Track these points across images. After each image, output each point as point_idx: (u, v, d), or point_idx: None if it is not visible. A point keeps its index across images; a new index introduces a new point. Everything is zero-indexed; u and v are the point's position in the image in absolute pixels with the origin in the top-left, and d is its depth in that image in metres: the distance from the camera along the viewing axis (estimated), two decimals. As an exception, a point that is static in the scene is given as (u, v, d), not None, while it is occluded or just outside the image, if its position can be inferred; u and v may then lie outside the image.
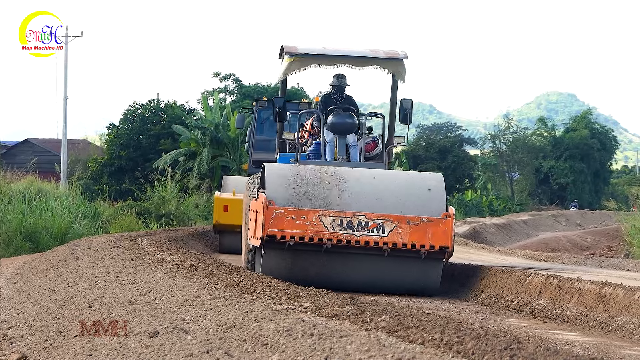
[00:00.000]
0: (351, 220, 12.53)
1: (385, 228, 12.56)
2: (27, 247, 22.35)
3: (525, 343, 6.67)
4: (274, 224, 12.44)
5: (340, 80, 14.95)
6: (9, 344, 8.28)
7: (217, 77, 56.91)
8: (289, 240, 12.48)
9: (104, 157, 50.51)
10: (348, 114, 14.56)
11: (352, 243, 12.55)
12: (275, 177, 12.89)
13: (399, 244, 12.58)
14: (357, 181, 12.90)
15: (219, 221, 20.84)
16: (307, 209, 12.53)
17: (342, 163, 14.08)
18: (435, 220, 12.65)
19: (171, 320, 7.38)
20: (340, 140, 14.48)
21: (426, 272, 12.93)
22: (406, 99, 14.40)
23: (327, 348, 5.80)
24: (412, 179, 13.31)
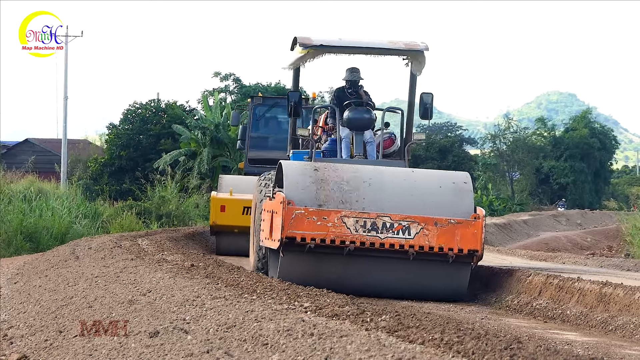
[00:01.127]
0: (375, 222, 11.84)
1: (411, 230, 11.88)
2: (28, 247, 22.36)
3: (526, 343, 6.67)
4: (294, 225, 11.76)
5: (355, 74, 14.32)
6: (9, 344, 8.28)
7: (217, 76, 56.90)
8: (309, 243, 11.77)
9: (104, 157, 50.50)
10: (365, 109, 13.90)
11: (375, 246, 11.85)
12: (294, 176, 12.20)
13: (426, 247, 11.89)
14: (381, 180, 12.26)
15: (216, 222, 20.08)
16: (328, 210, 11.85)
17: (360, 161, 13.46)
18: (464, 221, 11.97)
19: (171, 320, 7.38)
20: (357, 136, 13.81)
21: (453, 276, 12.22)
22: (426, 93, 13.71)
23: (327, 348, 5.80)
24: (437, 177, 12.70)
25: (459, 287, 12.33)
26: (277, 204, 11.95)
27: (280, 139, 22.00)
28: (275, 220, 12.00)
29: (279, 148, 21.59)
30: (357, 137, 13.80)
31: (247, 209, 19.25)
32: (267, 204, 12.58)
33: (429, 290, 12.27)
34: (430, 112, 13.74)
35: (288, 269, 11.99)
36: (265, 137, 22.36)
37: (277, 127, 22.66)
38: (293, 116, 13.96)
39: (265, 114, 22.52)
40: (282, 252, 11.91)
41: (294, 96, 13.79)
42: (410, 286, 12.23)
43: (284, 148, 22.09)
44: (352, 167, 12.45)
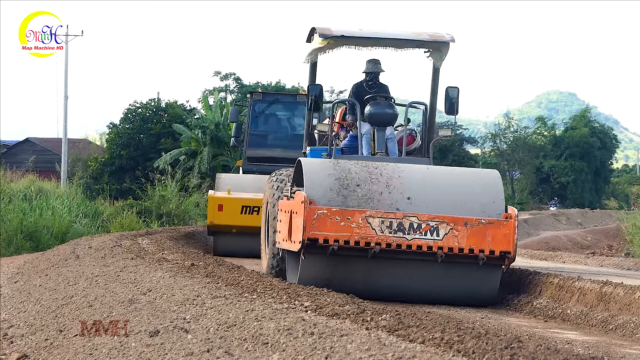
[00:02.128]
0: (402, 222, 11.20)
1: (440, 231, 11.24)
2: (28, 246, 22.36)
3: (526, 342, 6.67)
4: (316, 226, 11.11)
5: (376, 65, 13.57)
6: (9, 343, 8.28)
7: (217, 76, 56.95)
8: (332, 245, 11.13)
9: (104, 156, 50.56)
10: (387, 104, 13.23)
11: (402, 247, 11.21)
12: (315, 174, 11.57)
13: (455, 249, 11.25)
14: (406, 178, 11.64)
15: (214, 222, 19.28)
16: (352, 209, 11.21)
17: (383, 158, 12.76)
18: (495, 222, 11.34)
19: (172, 320, 7.38)
20: (379, 132, 13.11)
21: (483, 280, 11.60)
22: (452, 87, 13.04)
23: (327, 347, 5.80)
24: (466, 175, 12.14)
25: (489, 292, 11.74)
26: (297, 204, 11.37)
27: (280, 136, 21.77)
28: (295, 221, 11.44)
29: (279, 146, 21.44)
30: (378, 133, 13.15)
31: (246, 208, 18.98)
32: (284, 203, 12.06)
33: (458, 294, 11.71)
34: (457, 107, 13.06)
35: (309, 273, 11.41)
36: (265, 135, 21.85)
37: (277, 124, 22.20)
38: (313, 110, 13.13)
39: (264, 110, 21.87)
40: (303, 254, 11.30)
41: (314, 90, 12.99)
42: (438, 290, 11.68)
43: (283, 146, 21.49)
44: (376, 165, 11.86)
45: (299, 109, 21.75)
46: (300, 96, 21.84)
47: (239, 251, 18.54)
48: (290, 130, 22.02)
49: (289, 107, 22.21)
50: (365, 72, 13.62)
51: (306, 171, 11.62)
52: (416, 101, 13.55)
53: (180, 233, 23.25)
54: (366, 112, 13.10)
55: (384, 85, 13.64)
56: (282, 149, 21.29)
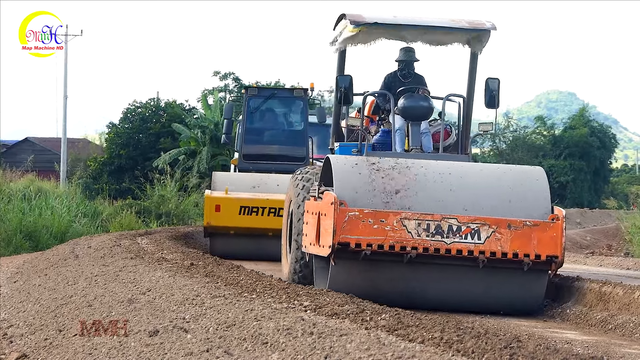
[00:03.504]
0: (440, 225, 10.41)
1: (482, 234, 10.45)
2: (27, 246, 22.36)
3: (525, 342, 6.68)
4: (347, 229, 10.33)
5: (409, 54, 12.74)
6: (8, 343, 8.28)
7: (216, 75, 56.91)
8: (365, 249, 10.34)
9: (103, 156, 50.53)
10: (422, 96, 12.39)
11: (441, 252, 10.42)
12: (346, 172, 10.80)
13: (498, 253, 10.46)
14: (445, 176, 10.88)
15: (210, 222, 18.43)
16: (386, 211, 10.42)
17: (418, 155, 11.93)
18: (541, 223, 10.53)
19: (171, 319, 7.38)
20: (413, 127, 12.27)
21: (528, 286, 10.82)
22: (492, 79, 12.20)
23: (327, 347, 5.80)
24: (508, 173, 11.27)
25: (534, 299, 10.96)
26: (326, 205, 10.56)
27: (277, 133, 21.19)
28: (324, 224, 10.62)
29: (276, 143, 20.83)
30: (413, 128, 12.30)
31: (244, 208, 18.29)
32: (311, 204, 11.20)
33: (500, 302, 10.92)
34: (497, 100, 12.24)
35: (340, 279, 10.62)
36: (261, 131, 21.13)
37: (273, 120, 21.42)
38: (343, 103, 12.19)
39: (260, 106, 21.01)
40: (334, 260, 10.50)
41: (343, 81, 12.05)
42: (479, 298, 10.90)
43: (280, 142, 20.91)
44: (411, 162, 11.06)
45: (295, 105, 21.22)
46: (297, 91, 21.28)
47: (237, 254, 17.77)
48: (287, 127, 21.45)
49: (285, 103, 21.57)
50: (398, 61, 12.82)
51: (336, 169, 10.88)
52: (454, 93, 12.52)
53: (179, 233, 23.26)
54: (399, 105, 12.29)
55: (420, 75, 12.82)
56: (279, 146, 20.82)
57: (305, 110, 20.91)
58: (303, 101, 20.95)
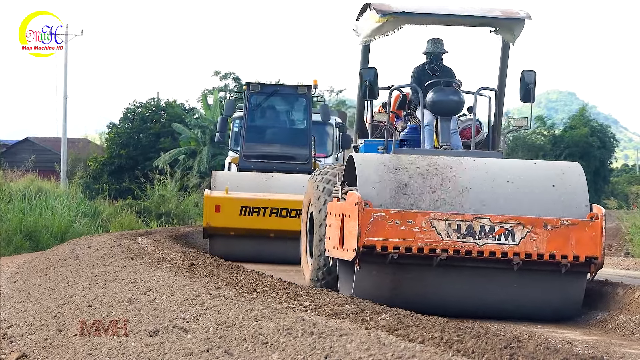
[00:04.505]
0: (472, 225, 9.82)
1: (516, 234, 9.85)
2: (27, 246, 22.36)
3: (525, 342, 6.68)
4: (373, 231, 9.73)
5: (438, 46, 12.08)
6: (8, 343, 8.28)
7: (216, 75, 56.94)
8: (392, 252, 9.74)
9: (104, 155, 50.54)
10: (452, 90, 11.72)
11: (472, 254, 9.81)
12: (370, 171, 10.19)
13: (534, 255, 9.85)
14: (476, 174, 10.28)
15: (210, 223, 17.76)
16: (414, 211, 9.85)
17: (448, 152, 11.30)
18: (579, 222, 9.93)
19: (171, 319, 7.38)
20: (443, 123, 11.63)
21: (565, 290, 10.20)
22: (528, 71, 11.62)
23: (327, 347, 5.80)
24: (543, 169, 10.66)
25: (572, 304, 10.32)
26: (350, 206, 9.99)
27: (279, 131, 20.44)
28: (348, 226, 10.06)
29: (278, 141, 20.12)
30: (442, 124, 11.65)
31: (245, 209, 17.70)
32: (334, 205, 10.62)
33: (536, 307, 10.33)
34: (533, 94, 11.66)
35: (366, 285, 10.07)
36: (263, 130, 20.34)
37: (275, 118, 20.66)
38: (369, 98, 11.54)
39: (262, 103, 20.30)
40: (359, 264, 9.92)
41: (368, 74, 11.42)
42: (513, 304, 10.30)
43: (283, 141, 20.08)
44: (440, 160, 10.45)
45: (298, 102, 20.48)
46: (301, 88, 20.42)
47: (238, 256, 17.03)
48: (290, 125, 20.77)
49: (288, 100, 20.72)
50: (425, 54, 12.15)
51: (360, 168, 10.26)
52: (486, 86, 11.96)
53: (179, 233, 23.26)
54: (428, 99, 11.63)
55: (448, 68, 12.17)
56: (281, 144, 20.10)
57: (308, 108, 20.22)
58: (306, 98, 20.21)
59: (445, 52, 12.12)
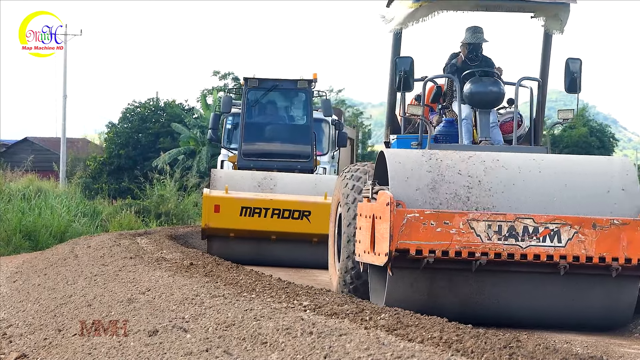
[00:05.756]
0: (514, 226, 9.04)
1: (562, 235, 9.06)
2: (27, 246, 22.37)
3: (525, 341, 6.68)
4: (406, 234, 8.96)
5: (477, 35, 11.29)
6: (8, 343, 8.28)
7: (216, 75, 56.95)
8: (427, 256, 8.95)
9: (103, 155, 50.55)
10: (492, 80, 10.99)
11: (515, 257, 9.01)
12: (403, 168, 9.42)
13: (582, 258, 9.05)
14: (518, 171, 9.52)
15: (209, 224, 16.82)
16: (451, 212, 9.09)
17: (488, 147, 10.53)
18: (631, 222, 9.11)
19: (170, 319, 7.38)
20: (482, 116, 10.90)
21: (616, 295, 9.39)
22: (573, 59, 10.91)
23: (326, 346, 5.81)
24: (592, 165, 9.92)
25: (623, 310, 9.47)
26: (381, 206, 9.21)
27: (279, 128, 19.63)
28: (379, 228, 9.28)
29: (278, 139, 19.42)
30: (481, 117, 10.93)
31: (246, 209, 16.77)
32: (364, 206, 9.86)
33: (585, 314, 9.55)
34: (579, 84, 10.93)
35: (399, 292, 9.30)
36: (262, 127, 19.48)
37: (274, 114, 19.82)
38: (403, 89, 10.74)
39: (261, 99, 19.40)
40: (391, 269, 9.16)
41: (404, 63, 10.64)
42: (559, 311, 9.52)
43: (283, 139, 19.29)
44: (480, 156, 9.67)
45: (298, 97, 19.69)
46: (301, 82, 19.38)
47: (237, 258, 15.90)
48: (290, 121, 19.93)
49: (287, 95, 19.92)
50: (463, 43, 11.36)
51: (392, 165, 9.49)
52: (528, 76, 11.23)
53: (179, 232, 23.26)
54: (466, 90, 10.89)
55: (488, 58, 11.40)
56: (282, 142, 19.37)
57: (309, 103, 19.45)
58: (307, 93, 19.39)
59: (486, 41, 11.41)
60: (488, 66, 11.26)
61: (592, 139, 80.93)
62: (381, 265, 9.25)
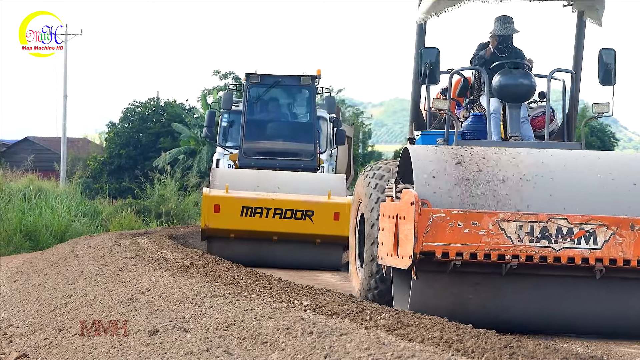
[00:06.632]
0: (547, 227, 8.52)
1: (598, 237, 8.54)
2: (27, 246, 22.38)
3: (525, 341, 6.68)
4: (432, 235, 8.47)
5: (507, 26, 10.73)
6: (8, 342, 8.28)
7: (216, 75, 56.95)
8: (454, 259, 8.46)
9: (103, 155, 50.56)
10: (522, 72, 10.45)
11: (548, 260, 8.50)
12: (429, 166, 8.92)
13: (619, 261, 8.52)
14: (554, 169, 9.02)
15: (209, 225, 16.32)
16: (479, 212, 8.58)
17: (518, 143, 10.01)
18: None
19: (171, 319, 7.38)
20: (512, 110, 10.38)
21: None
22: (607, 50, 10.37)
23: (326, 346, 5.81)
24: (631, 163, 9.38)
25: None
26: (405, 206, 8.71)
27: (281, 125, 19.22)
28: (403, 229, 8.77)
29: (280, 136, 18.94)
30: (511, 111, 10.40)
31: (247, 209, 16.30)
32: (387, 206, 9.34)
33: (622, 321, 8.97)
34: (614, 76, 10.42)
35: (424, 297, 8.80)
36: (263, 124, 18.99)
37: (277, 111, 19.38)
38: (429, 82, 10.24)
39: (263, 95, 18.84)
40: (416, 273, 8.66)
41: (429, 54, 10.17)
42: (595, 317, 8.98)
43: (285, 136, 18.79)
44: (510, 153, 9.18)
45: (302, 94, 19.22)
46: (304, 78, 18.89)
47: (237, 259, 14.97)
48: (293, 119, 19.50)
49: (290, 92, 19.45)
50: (492, 34, 10.84)
51: (417, 162, 9.00)
52: (560, 68, 10.71)
53: (179, 232, 23.27)
54: (494, 83, 10.38)
55: (518, 49, 10.86)
56: (284, 140, 18.82)
57: (312, 100, 18.95)
58: (310, 90, 18.90)
59: (517, 32, 10.84)
60: (518, 58, 10.75)
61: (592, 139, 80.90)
62: (405, 269, 8.79)
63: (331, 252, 16.59)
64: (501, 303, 8.86)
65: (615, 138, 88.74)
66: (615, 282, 8.74)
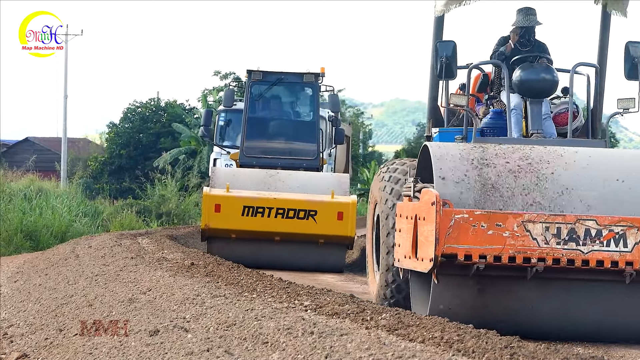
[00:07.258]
0: (574, 228, 8.12)
1: (629, 239, 8.12)
2: (28, 246, 22.38)
3: (525, 341, 6.68)
4: (453, 237, 8.06)
5: (530, 17, 10.25)
6: (9, 343, 8.29)
7: (217, 75, 56.97)
8: (477, 262, 8.06)
9: (104, 155, 50.61)
10: (544, 67, 10.05)
11: (576, 264, 8.11)
12: (449, 164, 8.53)
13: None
14: (580, 168, 8.61)
15: (209, 225, 16.02)
16: (503, 213, 8.18)
17: (541, 141, 9.58)
18: None
19: (171, 319, 7.38)
20: (534, 106, 9.95)
21: None
22: (634, 43, 9.98)
23: (327, 346, 5.81)
24: None
25: None
26: (425, 206, 8.30)
27: (284, 124, 18.84)
28: (423, 230, 8.39)
29: (282, 135, 18.62)
30: (532, 107, 9.97)
31: (248, 209, 16.02)
32: (405, 206, 8.97)
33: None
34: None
35: (445, 302, 8.41)
36: (265, 122, 18.61)
37: (279, 109, 18.96)
38: (445, 77, 9.89)
39: (265, 93, 18.48)
40: (436, 277, 8.29)
41: (445, 48, 9.82)
42: (625, 323, 8.58)
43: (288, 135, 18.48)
44: (534, 152, 8.74)
45: (305, 92, 18.89)
46: (307, 76, 18.43)
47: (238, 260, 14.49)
48: (295, 117, 19.09)
49: (293, 90, 19.02)
50: (514, 27, 10.41)
51: (437, 160, 8.59)
52: (584, 62, 10.37)
53: (180, 232, 23.27)
54: (515, 78, 9.99)
55: (542, 43, 10.40)
56: (286, 139, 18.51)
57: (316, 98, 18.55)
58: (314, 88, 18.51)
59: (539, 24, 10.38)
60: (541, 52, 10.30)
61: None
62: (425, 272, 8.40)
63: (334, 252, 16.43)
64: (527, 308, 8.51)
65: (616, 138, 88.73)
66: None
